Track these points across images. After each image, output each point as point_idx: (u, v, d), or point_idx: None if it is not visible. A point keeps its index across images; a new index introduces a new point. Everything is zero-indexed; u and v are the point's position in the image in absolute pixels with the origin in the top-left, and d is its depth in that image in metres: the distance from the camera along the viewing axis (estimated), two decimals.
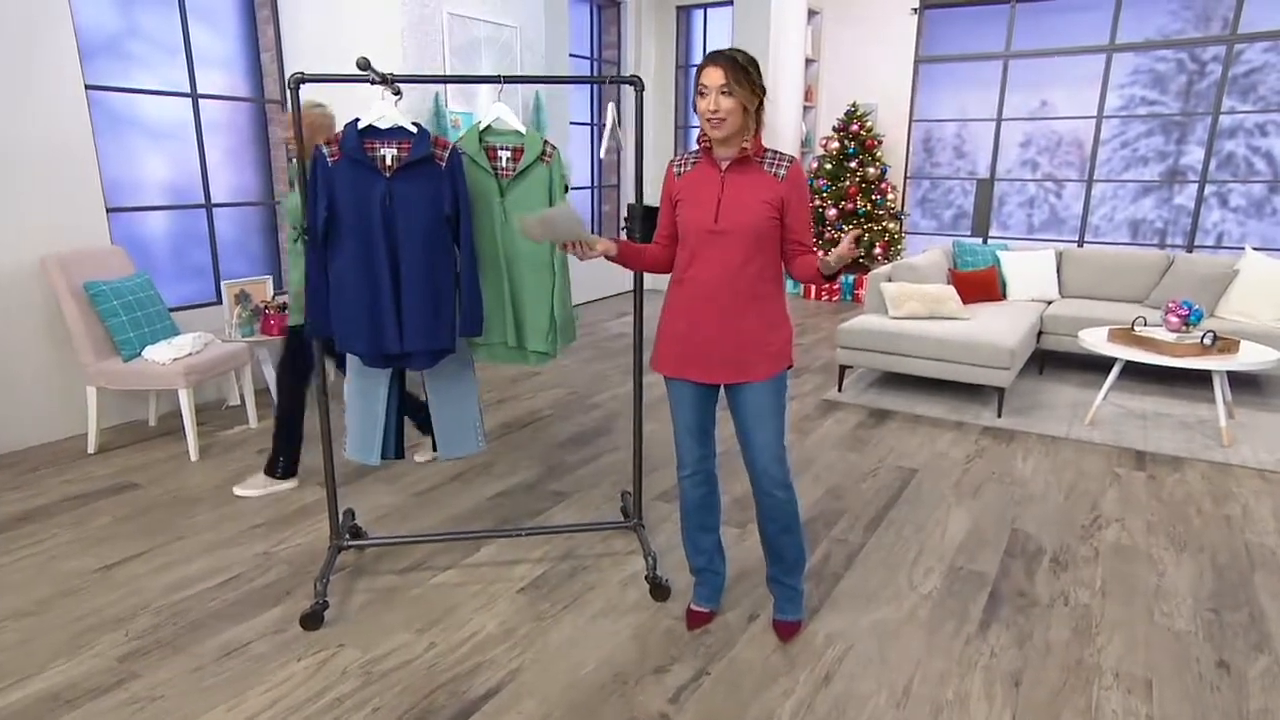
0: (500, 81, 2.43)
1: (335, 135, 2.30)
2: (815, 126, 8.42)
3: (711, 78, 1.96)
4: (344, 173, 2.28)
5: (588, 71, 7.76)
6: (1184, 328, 4.13)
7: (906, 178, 8.20)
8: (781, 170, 2.06)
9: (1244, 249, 5.36)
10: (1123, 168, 7.32)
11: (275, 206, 4.98)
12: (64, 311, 3.64)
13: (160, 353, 3.65)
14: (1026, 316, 4.85)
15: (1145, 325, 4.33)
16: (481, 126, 2.49)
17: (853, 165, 7.65)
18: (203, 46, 4.47)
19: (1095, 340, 4.26)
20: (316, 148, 2.29)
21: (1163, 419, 4.31)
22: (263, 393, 4.58)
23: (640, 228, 2.58)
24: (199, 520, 3.09)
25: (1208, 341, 3.97)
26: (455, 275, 2.44)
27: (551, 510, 3.21)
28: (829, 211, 7.70)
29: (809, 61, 8.11)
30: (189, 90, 4.41)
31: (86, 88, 3.87)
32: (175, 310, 4.33)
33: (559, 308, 2.58)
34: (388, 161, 2.31)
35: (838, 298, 7.92)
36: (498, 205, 2.49)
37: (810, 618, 2.45)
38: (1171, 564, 2.80)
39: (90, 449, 3.76)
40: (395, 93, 2.35)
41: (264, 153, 4.89)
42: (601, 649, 2.30)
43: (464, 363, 2.68)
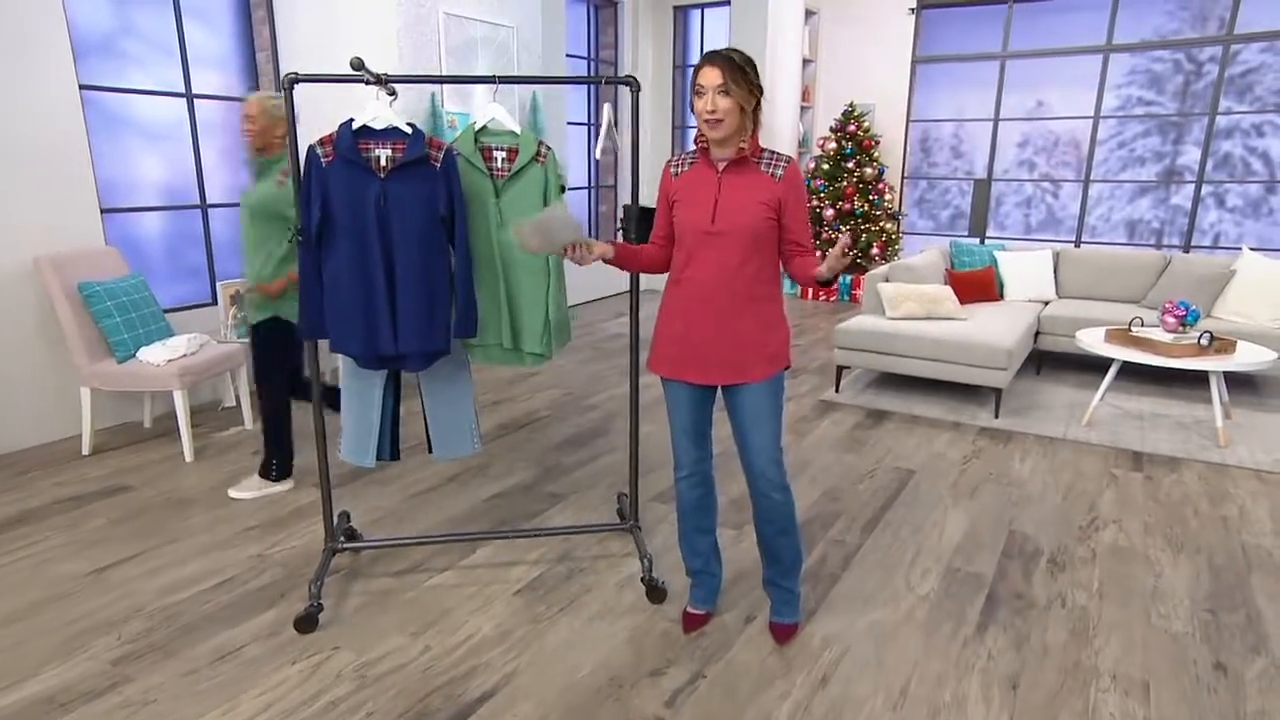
0: (495, 82, 2.42)
1: (330, 136, 2.29)
2: (812, 127, 8.41)
3: (709, 78, 1.95)
4: (338, 173, 2.27)
5: (585, 72, 7.75)
6: (1181, 328, 4.13)
7: (904, 178, 8.20)
8: (779, 170, 2.06)
9: (1241, 249, 5.37)
10: (1120, 168, 7.33)
11: None
12: (58, 312, 3.63)
13: (155, 354, 3.64)
14: (1024, 317, 4.85)
15: (1142, 326, 4.33)
16: (477, 127, 2.48)
17: (850, 165, 7.65)
18: (198, 46, 4.46)
19: (1092, 341, 4.25)
20: (310, 148, 2.27)
21: (1160, 419, 4.31)
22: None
23: (636, 229, 2.57)
24: (193, 522, 3.07)
25: (1204, 342, 3.96)
26: (450, 276, 2.43)
27: (548, 512, 3.20)
28: (826, 212, 7.69)
29: (806, 62, 8.10)
30: (184, 90, 4.40)
31: (80, 87, 3.85)
32: (170, 311, 4.32)
33: (554, 309, 2.57)
34: (382, 162, 2.30)
35: (835, 298, 7.92)
36: (493, 206, 2.48)
37: (807, 620, 2.45)
38: (1169, 565, 2.79)
39: (84, 451, 3.75)
40: (390, 93, 2.34)
41: None
42: (597, 652, 2.29)
43: (460, 364, 2.67)
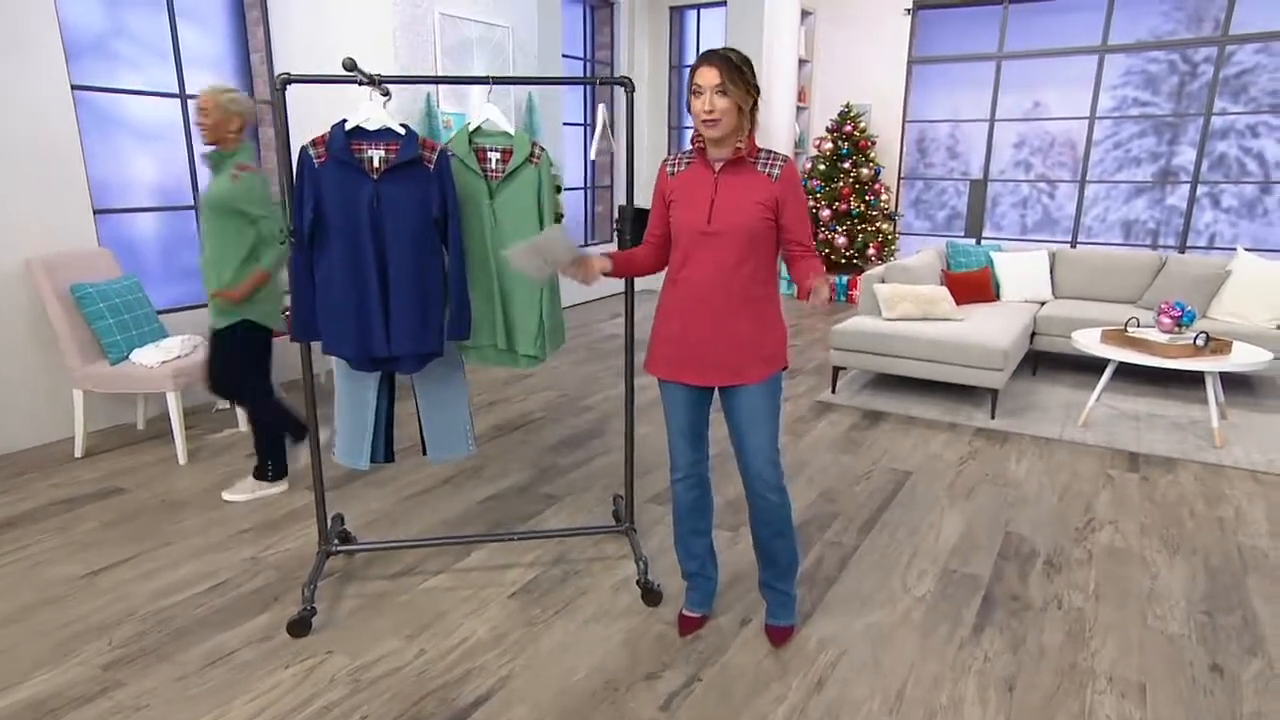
0: (489, 83, 2.41)
1: (322, 137, 2.28)
2: (809, 127, 8.41)
3: (706, 77, 1.94)
4: (331, 174, 2.25)
5: (581, 72, 7.74)
6: (1177, 329, 4.13)
7: (900, 178, 8.20)
8: (775, 170, 2.05)
9: (1235, 249, 5.37)
10: (1115, 168, 7.34)
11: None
12: (50, 314, 3.61)
13: (148, 355, 3.62)
14: (1020, 317, 4.85)
15: (1138, 326, 4.33)
16: (471, 128, 2.47)
17: (846, 166, 7.65)
18: (191, 47, 4.44)
19: (1088, 341, 4.25)
20: (303, 149, 2.26)
21: (1156, 420, 4.31)
22: None
23: (631, 230, 2.56)
24: (186, 525, 3.06)
25: (1200, 342, 3.97)
26: (443, 278, 2.41)
27: (543, 514, 3.19)
28: (823, 212, 7.69)
29: (802, 62, 8.10)
30: (177, 91, 4.38)
31: (73, 88, 3.83)
32: (163, 312, 4.30)
33: (548, 311, 2.56)
34: (375, 163, 2.29)
35: (832, 299, 7.91)
36: (487, 207, 2.47)
37: (803, 622, 2.44)
38: (1165, 566, 2.79)
39: (77, 453, 3.73)
40: (383, 94, 2.33)
41: (254, 154, 4.85)
42: (593, 655, 2.28)
43: (454, 365, 2.66)
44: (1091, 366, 5.38)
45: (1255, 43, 6.59)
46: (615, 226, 8.07)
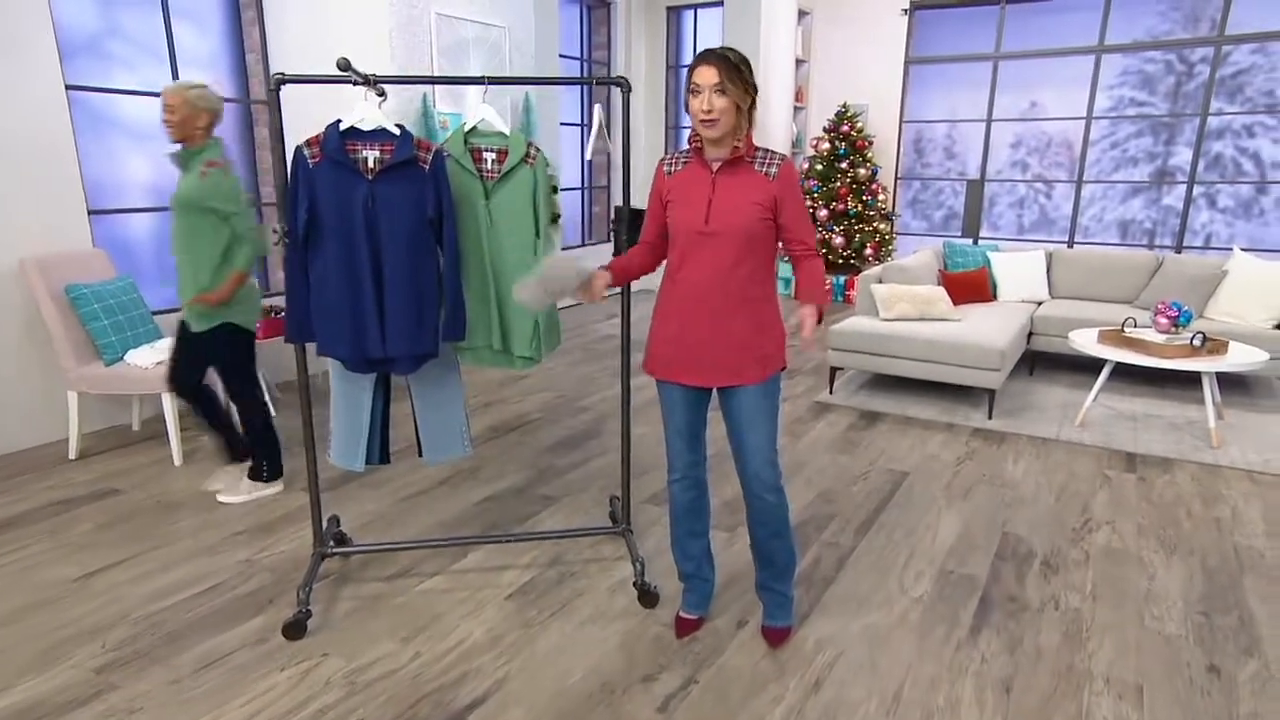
0: (485, 83, 2.40)
1: (317, 137, 2.27)
2: (806, 127, 8.41)
3: (705, 76, 1.93)
4: (325, 174, 2.24)
5: (578, 72, 7.73)
6: (1173, 329, 4.13)
7: (897, 178, 8.21)
8: (773, 169, 2.04)
9: (1232, 249, 5.38)
10: (1112, 168, 7.34)
11: (262, 209, 4.93)
12: (44, 315, 3.59)
13: (143, 356, 3.61)
14: (1017, 317, 4.85)
15: (1135, 326, 4.33)
16: (467, 128, 2.46)
17: (843, 166, 7.65)
18: (187, 47, 4.42)
19: (1085, 342, 4.25)
20: (298, 149, 2.25)
21: (1152, 420, 4.31)
22: None
23: (628, 231, 2.55)
24: (181, 527, 3.04)
25: (1197, 343, 3.97)
26: (438, 279, 2.41)
27: (540, 515, 3.18)
28: (820, 212, 7.69)
29: (799, 62, 8.10)
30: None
31: (67, 88, 3.82)
32: (159, 313, 4.27)
33: (544, 312, 2.55)
34: (370, 164, 2.28)
35: (829, 300, 7.92)
36: (482, 208, 2.46)
37: (800, 623, 2.43)
38: (1161, 567, 2.79)
39: (71, 454, 3.71)
40: (379, 94, 2.32)
41: (250, 154, 4.84)
42: (589, 657, 2.27)
43: (450, 366, 2.65)
44: (1088, 366, 5.39)
45: (1251, 43, 6.60)
46: (611, 227, 8.06)
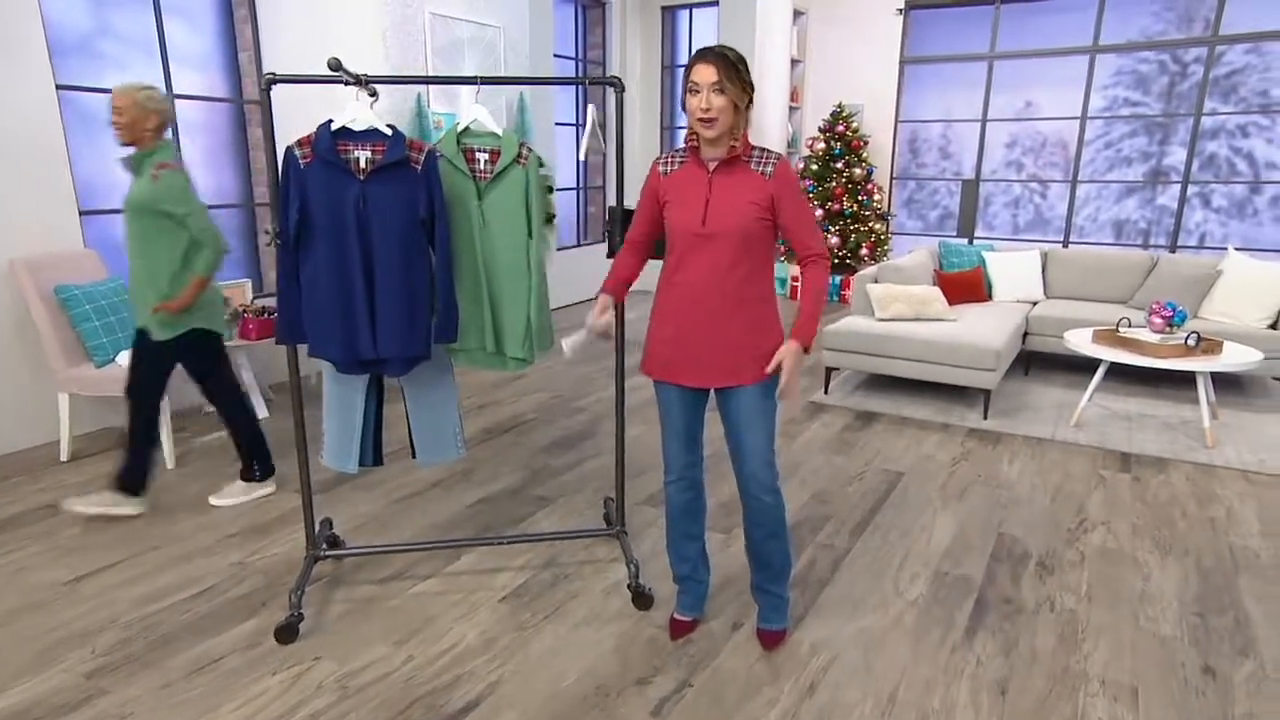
0: (477, 83, 2.39)
1: (308, 137, 2.25)
2: (801, 127, 8.41)
3: (703, 75, 1.92)
4: (316, 175, 2.23)
5: (573, 72, 7.71)
6: (1168, 329, 4.13)
7: (892, 178, 8.21)
8: (769, 168, 2.03)
9: (1226, 249, 5.39)
10: (1106, 168, 7.35)
11: (255, 209, 4.90)
12: (34, 316, 3.57)
13: None
14: (1012, 317, 4.85)
15: (1130, 326, 4.34)
16: (459, 128, 2.45)
17: (839, 166, 7.65)
18: (179, 46, 4.40)
19: (1080, 341, 4.25)
20: (289, 149, 2.23)
21: (1147, 420, 4.31)
22: None
23: (621, 231, 2.54)
24: (173, 529, 3.02)
25: (1191, 342, 3.97)
26: (431, 280, 2.39)
27: (534, 516, 3.17)
28: (816, 212, 7.69)
29: (794, 62, 8.09)
30: (164, 90, 4.33)
31: (58, 87, 3.79)
32: None
33: (535, 313, 2.54)
34: (362, 164, 2.26)
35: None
36: (475, 209, 2.45)
37: (795, 626, 2.42)
38: (1157, 568, 2.79)
39: (63, 457, 3.68)
40: (371, 94, 2.31)
41: (243, 154, 4.82)
42: (583, 660, 2.26)
43: (443, 368, 2.63)
44: (1083, 366, 5.39)
45: (1245, 43, 6.61)
46: (606, 228, 8.04)
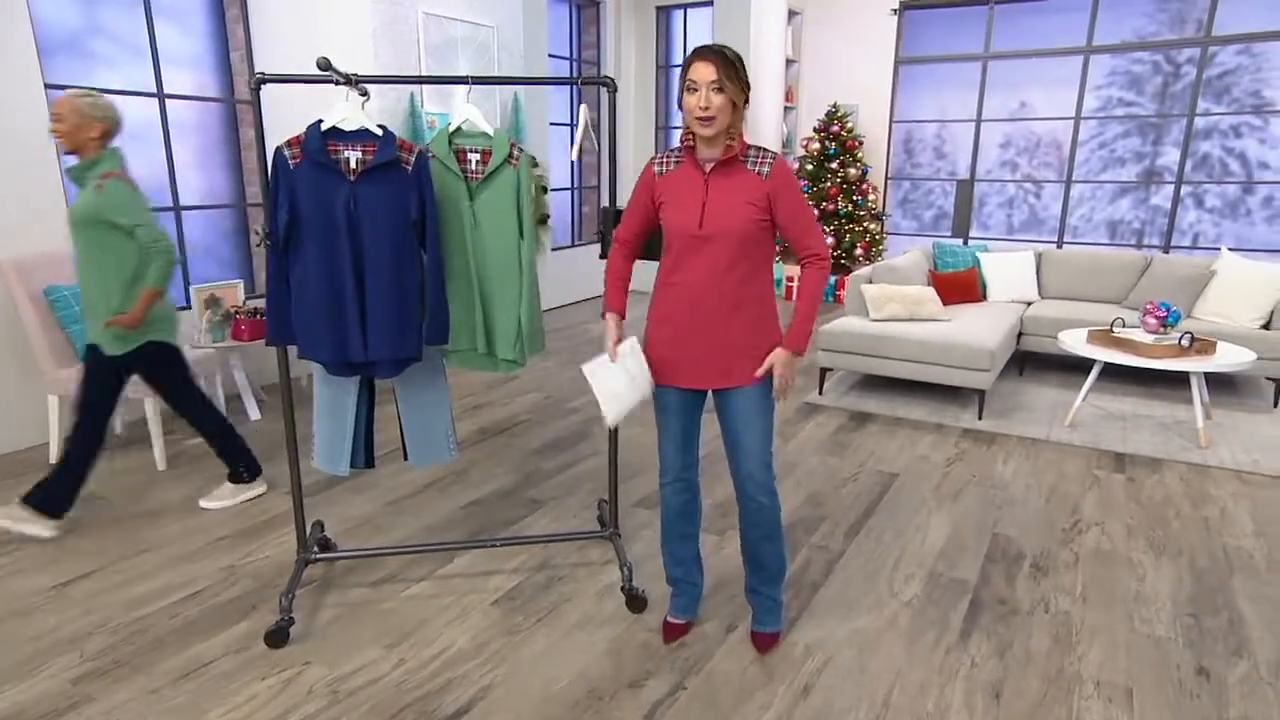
0: (469, 83, 2.37)
1: (298, 137, 2.23)
2: (796, 127, 8.40)
3: (702, 73, 1.90)
4: (306, 176, 2.21)
5: (567, 72, 7.69)
6: (1162, 329, 4.13)
7: (887, 178, 8.21)
8: (765, 168, 2.01)
9: (1219, 249, 5.40)
10: (1100, 168, 7.36)
11: (247, 209, 4.87)
12: (22, 317, 3.54)
13: None
14: (1006, 318, 4.84)
15: (1124, 326, 4.34)
16: (451, 129, 2.43)
17: (834, 166, 7.64)
18: (170, 46, 4.37)
19: (1074, 342, 4.25)
20: (278, 150, 2.21)
21: (1141, 420, 4.31)
22: (233, 399, 4.49)
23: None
24: (163, 533, 3.00)
25: (1185, 343, 3.97)
26: (421, 281, 2.37)
27: (527, 519, 3.15)
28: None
29: (789, 62, 8.09)
30: (155, 90, 4.31)
31: (46, 86, 3.76)
32: None
33: (526, 315, 2.52)
34: (352, 165, 2.24)
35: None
36: (467, 209, 2.43)
37: (789, 628, 2.41)
38: (1151, 568, 2.78)
39: (53, 459, 3.66)
40: (361, 94, 2.29)
41: (234, 154, 4.79)
42: (576, 663, 2.25)
43: (435, 369, 2.61)
44: (1078, 367, 5.39)
45: (1237, 44, 6.63)
46: (599, 229, 8.02)
